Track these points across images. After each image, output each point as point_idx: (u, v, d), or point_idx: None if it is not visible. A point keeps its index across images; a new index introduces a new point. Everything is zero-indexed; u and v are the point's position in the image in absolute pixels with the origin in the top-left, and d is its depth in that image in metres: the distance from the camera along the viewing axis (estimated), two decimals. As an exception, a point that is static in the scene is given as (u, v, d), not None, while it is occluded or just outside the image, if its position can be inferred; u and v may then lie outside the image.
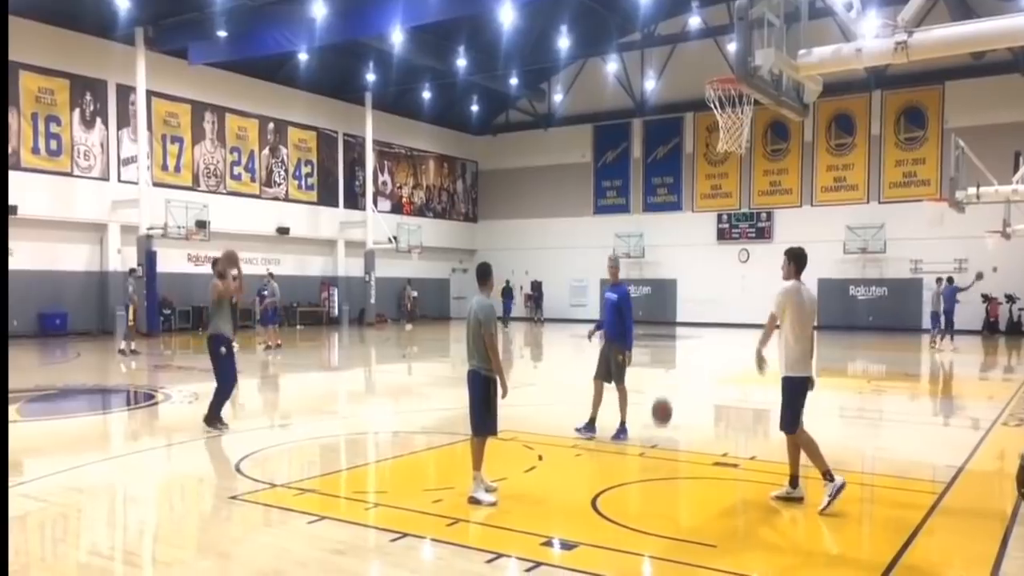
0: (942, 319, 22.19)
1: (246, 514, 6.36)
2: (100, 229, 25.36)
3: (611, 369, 9.21)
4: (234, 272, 9.76)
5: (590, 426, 9.19)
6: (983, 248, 24.27)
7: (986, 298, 28.46)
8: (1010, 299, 28.05)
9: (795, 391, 6.52)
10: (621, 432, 9.05)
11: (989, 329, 28.43)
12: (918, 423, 11.38)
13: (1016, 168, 18.85)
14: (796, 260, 6.68)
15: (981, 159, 18.26)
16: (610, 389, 9.27)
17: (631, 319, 9.30)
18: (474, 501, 6.42)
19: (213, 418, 9.52)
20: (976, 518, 6.41)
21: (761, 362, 6.76)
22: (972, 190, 18.12)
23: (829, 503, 6.19)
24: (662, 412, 8.43)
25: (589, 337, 9.88)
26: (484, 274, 6.83)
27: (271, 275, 23.41)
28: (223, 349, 9.50)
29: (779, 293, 6.61)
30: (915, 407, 13.35)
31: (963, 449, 8.68)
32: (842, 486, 6.22)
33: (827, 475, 6.33)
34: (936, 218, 20.31)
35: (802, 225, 31.69)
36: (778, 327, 6.66)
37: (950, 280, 22.74)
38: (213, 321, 9.70)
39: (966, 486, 7.31)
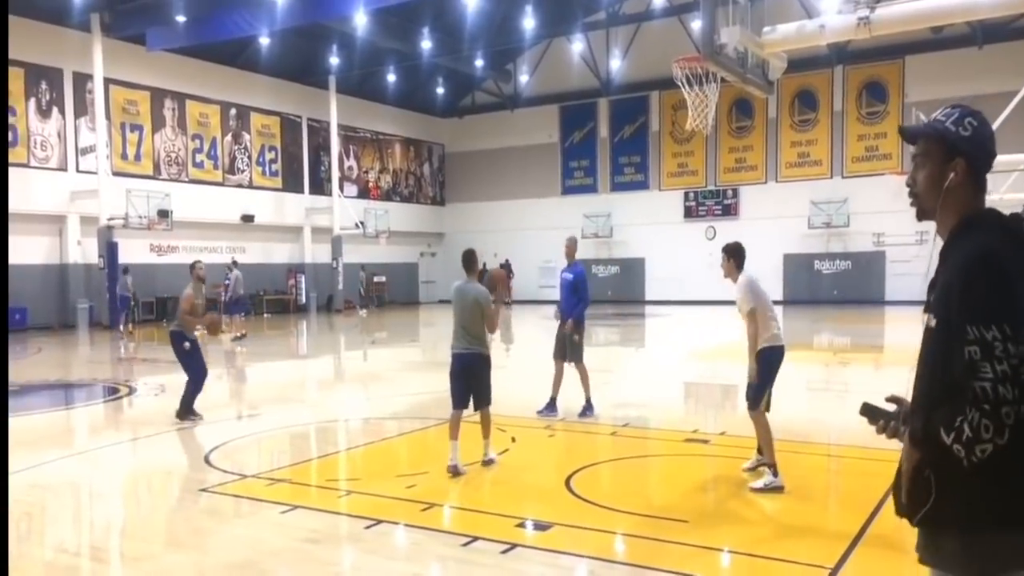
0: None
1: (216, 506, 6.29)
2: (59, 221, 24.80)
3: (567, 348, 9.28)
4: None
5: (551, 406, 9.27)
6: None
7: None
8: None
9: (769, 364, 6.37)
10: (587, 410, 9.15)
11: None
12: (883, 393, 11.55)
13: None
14: (736, 255, 6.43)
15: (941, 133, 18.52)
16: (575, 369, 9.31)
17: (588, 298, 9.43)
18: (490, 462, 7.07)
19: (185, 411, 9.40)
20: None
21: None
22: (932, 163, 18.37)
23: (761, 488, 6.15)
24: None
25: (556, 316, 9.79)
26: (469, 260, 7.02)
27: (235, 263, 23.18)
28: (187, 344, 9.42)
29: (748, 289, 6.30)
30: (880, 378, 13.57)
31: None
32: (780, 488, 6.15)
33: (773, 468, 6.23)
34: (898, 191, 20.50)
35: (767, 201, 32.00)
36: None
37: None
38: (179, 319, 9.59)
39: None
